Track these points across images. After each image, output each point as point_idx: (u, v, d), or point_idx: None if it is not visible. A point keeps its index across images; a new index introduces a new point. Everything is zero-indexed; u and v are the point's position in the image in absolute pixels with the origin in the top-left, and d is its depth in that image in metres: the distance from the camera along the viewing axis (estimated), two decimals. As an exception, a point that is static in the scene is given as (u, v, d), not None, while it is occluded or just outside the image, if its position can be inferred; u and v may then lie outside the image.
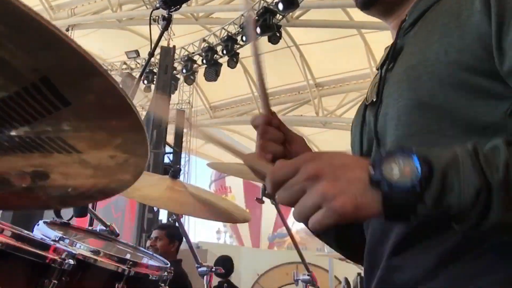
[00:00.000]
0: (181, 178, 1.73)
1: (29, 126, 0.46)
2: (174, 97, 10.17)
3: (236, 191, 17.98)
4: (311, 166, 0.55)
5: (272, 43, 8.49)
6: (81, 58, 0.37)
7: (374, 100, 0.78)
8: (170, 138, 8.39)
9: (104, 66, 0.40)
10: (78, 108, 0.43)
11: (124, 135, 0.48)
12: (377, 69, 0.85)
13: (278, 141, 0.76)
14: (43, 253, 0.96)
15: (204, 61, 9.43)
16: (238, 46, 9.02)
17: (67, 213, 1.41)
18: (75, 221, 1.46)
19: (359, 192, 0.53)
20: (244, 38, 8.63)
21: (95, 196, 0.66)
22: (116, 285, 1.16)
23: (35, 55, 0.38)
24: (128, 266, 1.17)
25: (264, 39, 8.45)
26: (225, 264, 4.19)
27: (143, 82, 9.95)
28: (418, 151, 0.53)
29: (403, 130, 0.69)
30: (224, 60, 9.26)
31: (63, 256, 0.98)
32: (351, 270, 4.92)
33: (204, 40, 9.60)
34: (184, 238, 1.97)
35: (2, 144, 0.49)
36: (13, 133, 0.47)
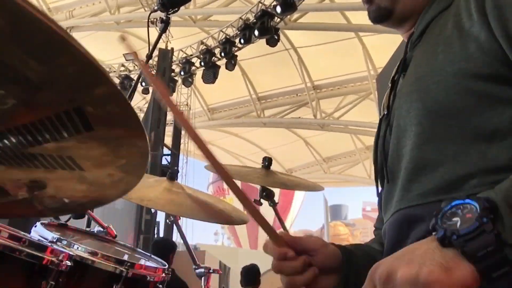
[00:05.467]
0: (179, 180, 1.73)
1: (45, 145, 0.47)
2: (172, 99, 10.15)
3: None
4: (380, 270, 0.54)
5: (270, 46, 8.50)
6: (113, 88, 0.39)
7: (386, 113, 0.81)
8: (168, 140, 8.38)
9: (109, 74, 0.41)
10: (98, 133, 0.44)
11: (129, 158, 0.50)
12: (390, 84, 0.87)
13: (298, 270, 0.71)
14: (40, 255, 0.96)
15: (202, 63, 9.44)
16: (236, 48, 9.03)
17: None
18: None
19: (438, 257, 0.50)
20: (242, 41, 8.64)
21: (85, 206, 0.67)
22: (114, 286, 1.16)
23: (75, 87, 0.39)
24: (126, 267, 1.17)
25: (262, 42, 8.47)
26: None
27: (141, 84, 9.93)
28: (472, 196, 0.52)
29: (415, 140, 0.71)
30: (222, 62, 9.27)
31: (60, 258, 0.98)
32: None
33: (202, 43, 9.61)
34: (182, 239, 1.97)
35: (9, 158, 0.49)
36: (27, 150, 0.48)
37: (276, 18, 8.26)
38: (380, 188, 0.85)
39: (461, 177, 0.65)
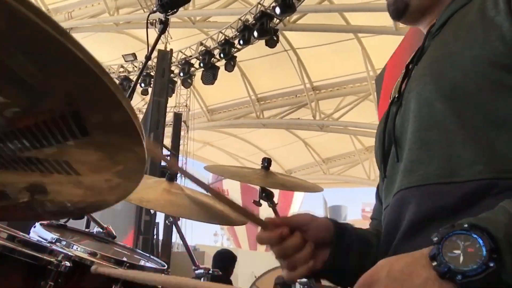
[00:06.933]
0: (178, 180, 1.73)
1: (41, 149, 0.47)
2: (171, 100, 10.16)
3: (233, 194, 17.96)
4: None
5: (269, 47, 8.51)
6: (112, 94, 0.39)
7: (397, 96, 0.80)
8: (167, 141, 8.38)
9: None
10: (94, 138, 0.44)
11: (127, 163, 0.49)
12: (403, 71, 0.87)
13: (299, 246, 0.72)
14: (40, 255, 0.96)
15: (201, 64, 9.44)
16: (235, 49, 9.03)
17: (63, 215, 1.41)
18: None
19: None
20: (241, 42, 8.64)
21: (84, 210, 0.68)
22: (113, 287, 1.15)
23: (72, 90, 0.39)
24: (125, 268, 1.17)
25: (262, 43, 8.48)
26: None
27: (140, 86, 9.95)
28: (471, 223, 0.51)
29: (421, 122, 0.71)
30: (221, 63, 9.27)
31: (59, 258, 0.98)
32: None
33: (201, 44, 9.61)
34: (181, 240, 1.97)
35: (5, 162, 0.49)
36: (23, 154, 0.47)
37: (275, 19, 8.27)
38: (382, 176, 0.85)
39: (466, 161, 0.65)
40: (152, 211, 6.13)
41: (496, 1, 0.67)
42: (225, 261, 3.79)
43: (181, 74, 9.84)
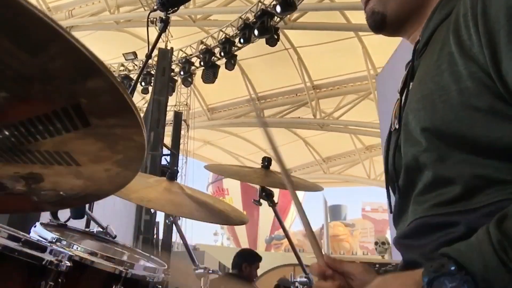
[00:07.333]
0: (179, 180, 1.73)
1: (43, 141, 0.46)
2: (172, 99, 10.16)
3: (233, 193, 17.99)
4: None
5: (270, 46, 8.51)
6: (115, 89, 0.39)
7: (397, 127, 0.81)
8: (167, 140, 8.39)
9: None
10: (95, 129, 0.44)
11: (126, 152, 0.49)
12: (398, 94, 0.86)
13: None
14: (40, 255, 0.95)
15: (202, 63, 9.44)
16: (235, 48, 9.04)
17: (64, 214, 1.41)
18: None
19: None
20: (242, 40, 8.65)
21: (82, 200, 0.68)
22: (113, 287, 1.15)
23: (74, 84, 0.39)
24: (126, 267, 1.17)
25: (262, 41, 8.48)
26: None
27: (141, 84, 9.95)
28: (458, 264, 0.55)
29: (427, 158, 0.71)
30: (221, 62, 9.28)
31: (59, 258, 0.98)
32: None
33: (201, 42, 9.61)
34: (181, 240, 1.97)
35: (5, 154, 0.49)
36: (24, 146, 0.47)
37: (275, 17, 8.27)
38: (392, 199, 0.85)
39: (478, 188, 0.65)
40: (152, 211, 6.13)
41: (469, 32, 0.66)
42: (238, 258, 3.79)
43: (182, 72, 9.84)
